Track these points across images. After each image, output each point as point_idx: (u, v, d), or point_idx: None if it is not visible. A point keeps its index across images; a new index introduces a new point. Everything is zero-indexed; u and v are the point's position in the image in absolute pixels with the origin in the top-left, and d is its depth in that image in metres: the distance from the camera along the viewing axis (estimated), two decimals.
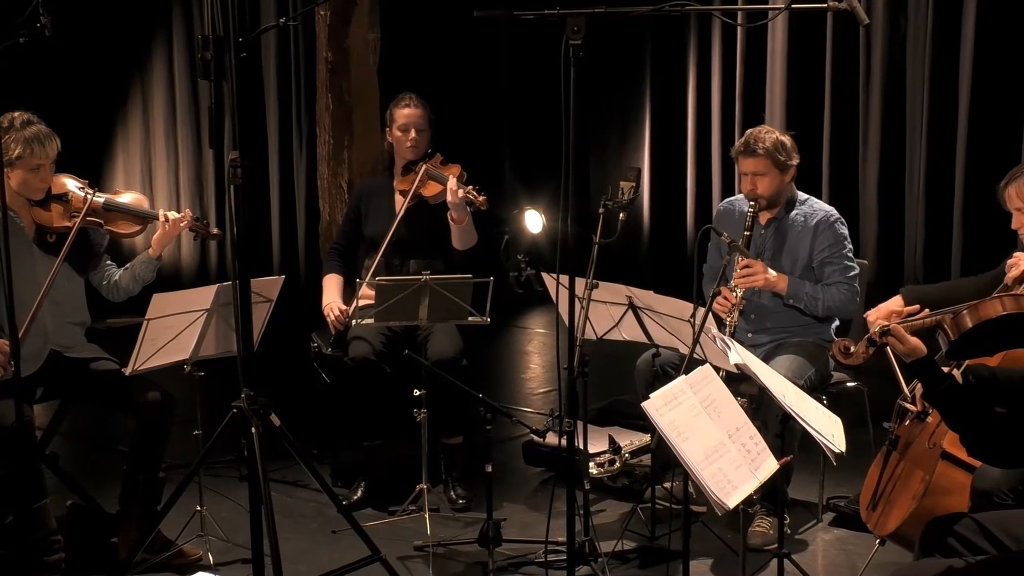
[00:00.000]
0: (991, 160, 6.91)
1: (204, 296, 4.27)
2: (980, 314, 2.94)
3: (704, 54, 8.80)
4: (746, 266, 4.60)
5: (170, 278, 8.93)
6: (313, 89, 6.82)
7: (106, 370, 4.47)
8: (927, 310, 3.51)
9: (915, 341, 3.09)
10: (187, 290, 4.38)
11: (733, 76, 8.54)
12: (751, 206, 4.70)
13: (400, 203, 5.27)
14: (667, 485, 4.71)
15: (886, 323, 3.19)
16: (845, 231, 4.80)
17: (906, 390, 3.87)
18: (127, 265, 4.64)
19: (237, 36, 3.47)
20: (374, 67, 6.51)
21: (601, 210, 4.36)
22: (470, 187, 5.08)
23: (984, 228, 6.76)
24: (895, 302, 4.56)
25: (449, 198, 5.07)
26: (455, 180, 5.07)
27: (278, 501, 4.68)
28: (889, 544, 3.75)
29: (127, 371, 4.22)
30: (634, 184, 4.40)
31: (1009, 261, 4.20)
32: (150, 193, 9.30)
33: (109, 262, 4.68)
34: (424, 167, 5.21)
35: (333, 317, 5.19)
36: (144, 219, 4.61)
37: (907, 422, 3.84)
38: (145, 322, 4.13)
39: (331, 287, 5.33)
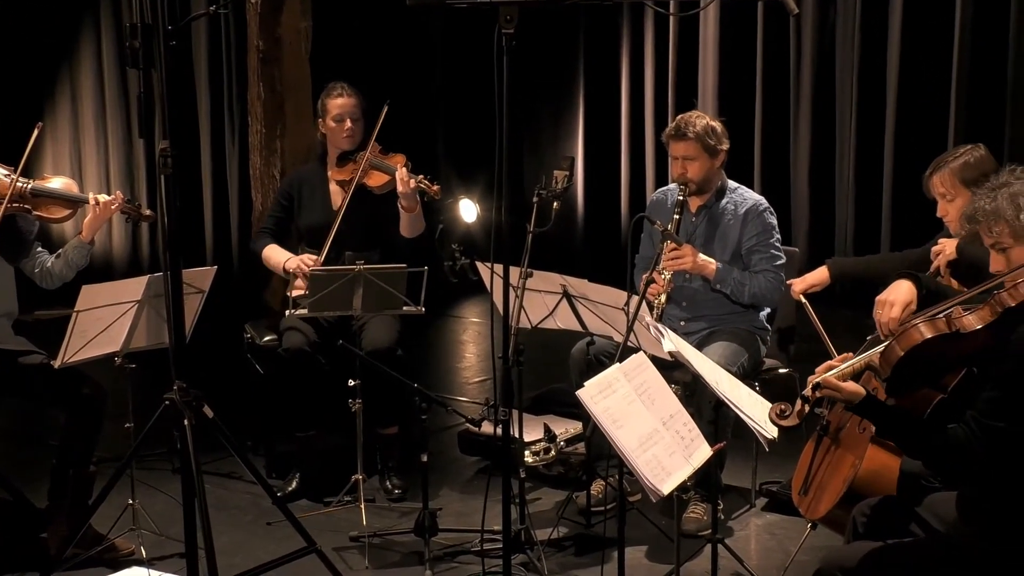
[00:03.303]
0: (918, 148, 7.03)
1: (135, 287, 4.22)
2: (904, 344, 2.98)
3: (637, 43, 8.85)
4: (674, 248, 4.63)
5: (101, 268, 8.82)
6: (245, 78, 6.75)
7: (34, 363, 4.40)
8: (852, 355, 3.51)
9: (850, 386, 3.06)
10: (117, 281, 4.33)
11: (666, 65, 8.59)
12: (681, 190, 4.74)
13: (336, 193, 5.24)
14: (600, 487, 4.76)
15: (816, 378, 3.18)
16: (774, 221, 4.84)
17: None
18: (59, 251, 4.57)
19: (166, 24, 3.43)
20: (306, 56, 6.46)
21: (535, 199, 4.37)
22: (421, 176, 5.05)
23: (912, 215, 6.87)
24: (820, 273, 4.63)
25: (400, 188, 5.04)
26: (404, 170, 5.05)
27: (212, 494, 4.64)
28: (821, 528, 3.80)
29: (56, 364, 4.16)
30: (568, 173, 4.41)
31: (935, 248, 4.27)
32: (80, 183, 9.16)
33: (40, 249, 4.60)
34: (366, 157, 5.17)
35: (307, 269, 5.00)
36: (74, 203, 4.54)
37: (838, 407, 3.89)
38: (74, 314, 4.07)
39: (278, 251, 5.24)
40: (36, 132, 4.45)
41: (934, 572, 2.97)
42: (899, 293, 3.32)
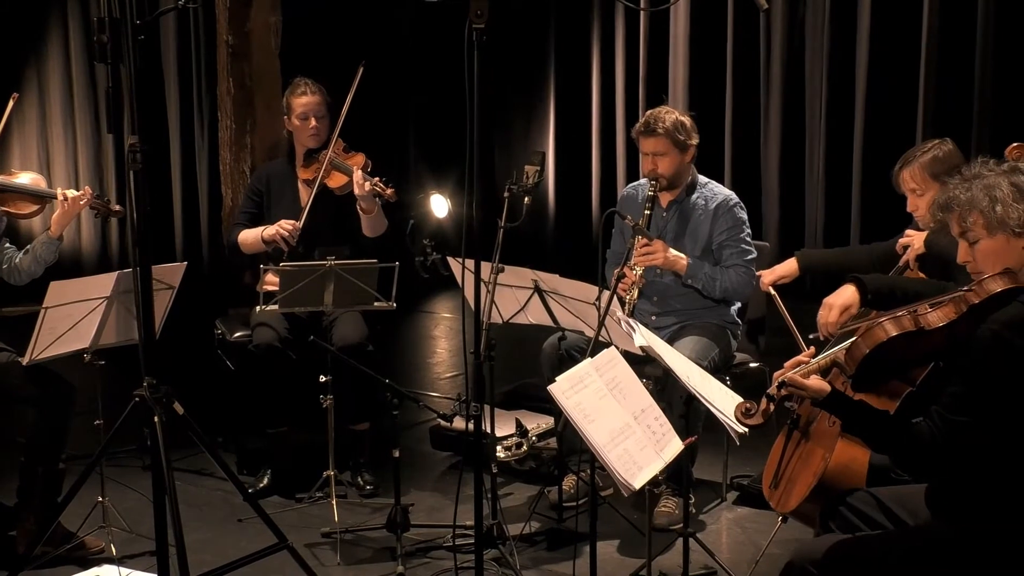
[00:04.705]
0: (887, 143, 7.08)
1: (104, 283, 4.20)
2: (870, 341, 2.99)
3: (607, 38, 8.86)
4: (645, 243, 4.64)
5: (71, 264, 8.76)
6: (214, 73, 6.72)
7: (2, 361, 4.37)
8: (814, 350, 3.53)
9: (815, 383, 3.06)
10: (86, 277, 4.30)
11: (636, 60, 8.61)
12: (652, 185, 4.75)
13: (304, 191, 5.23)
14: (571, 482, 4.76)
15: (781, 375, 3.18)
16: (744, 215, 4.86)
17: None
18: (27, 248, 4.55)
19: (135, 18, 3.41)
20: (276, 51, 6.44)
21: (506, 194, 4.37)
22: (376, 179, 5.04)
23: (881, 210, 6.91)
24: (789, 264, 4.65)
25: (356, 191, 5.03)
26: (361, 173, 5.03)
27: (182, 490, 4.62)
28: (791, 521, 3.82)
29: (24, 361, 4.13)
30: (539, 168, 4.41)
31: (902, 240, 4.30)
32: (48, 178, 9.08)
33: (8, 245, 4.58)
34: (328, 157, 5.15)
35: (286, 233, 5.07)
36: (42, 198, 4.53)
37: (807, 401, 3.90)
38: (43, 310, 4.04)
39: (253, 229, 5.23)
40: (12, 103, 4.44)
41: (902, 564, 2.99)
42: (839, 297, 3.37)
